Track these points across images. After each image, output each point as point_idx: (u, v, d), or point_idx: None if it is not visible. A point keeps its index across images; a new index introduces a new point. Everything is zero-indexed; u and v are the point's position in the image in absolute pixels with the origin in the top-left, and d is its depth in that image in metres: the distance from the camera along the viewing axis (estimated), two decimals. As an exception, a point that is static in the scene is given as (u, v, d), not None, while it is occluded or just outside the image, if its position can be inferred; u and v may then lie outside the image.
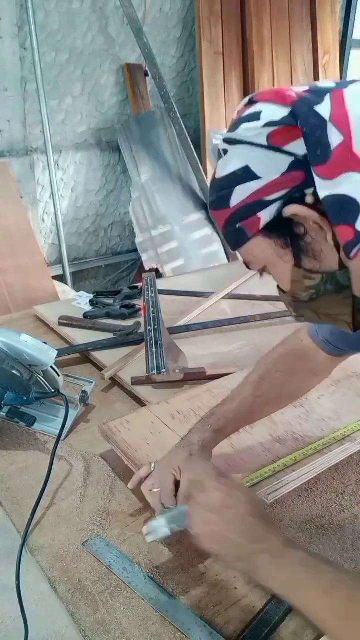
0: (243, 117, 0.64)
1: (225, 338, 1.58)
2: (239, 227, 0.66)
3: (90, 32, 2.88)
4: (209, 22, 3.10)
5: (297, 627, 0.76)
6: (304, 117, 0.59)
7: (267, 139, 0.61)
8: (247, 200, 0.64)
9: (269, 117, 0.61)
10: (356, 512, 0.96)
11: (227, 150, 0.64)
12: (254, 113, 0.63)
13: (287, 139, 0.60)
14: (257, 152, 0.62)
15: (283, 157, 0.60)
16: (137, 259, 3.40)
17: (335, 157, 0.58)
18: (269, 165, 0.61)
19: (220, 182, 0.66)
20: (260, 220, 0.64)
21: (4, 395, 1.06)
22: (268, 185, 0.62)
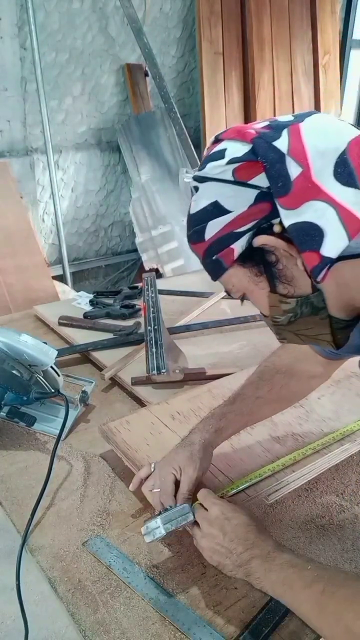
0: (209, 156, 0.68)
1: (225, 338, 1.58)
2: (215, 258, 0.70)
3: (90, 32, 2.88)
4: (209, 22, 3.10)
5: (297, 627, 0.76)
6: (263, 152, 0.62)
7: (232, 174, 0.64)
8: (219, 234, 0.67)
9: (232, 154, 0.65)
10: (356, 512, 0.96)
11: (198, 187, 0.68)
12: (219, 151, 0.66)
13: (250, 173, 0.63)
14: (224, 188, 0.65)
15: (249, 191, 0.64)
16: (137, 259, 3.40)
17: (295, 187, 0.61)
18: (237, 199, 0.65)
19: (194, 218, 0.69)
20: (234, 251, 0.67)
21: (4, 395, 1.06)
22: (237, 218, 0.65)
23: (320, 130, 0.64)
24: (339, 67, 3.84)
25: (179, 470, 0.88)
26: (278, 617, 0.77)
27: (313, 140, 0.62)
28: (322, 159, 0.61)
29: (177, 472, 0.88)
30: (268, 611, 0.78)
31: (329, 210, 0.61)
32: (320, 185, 0.61)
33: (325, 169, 0.61)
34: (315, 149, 0.62)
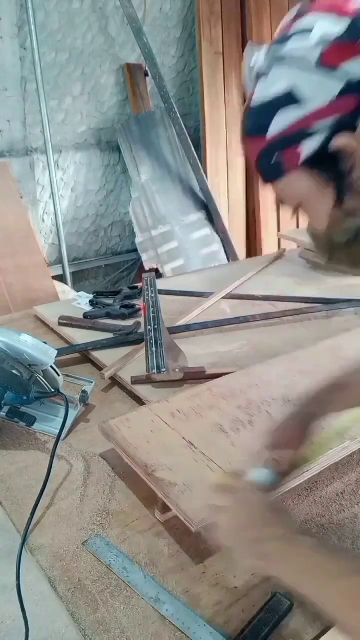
0: (291, 32, 0.57)
1: (225, 338, 1.58)
2: (276, 159, 0.59)
3: (90, 32, 2.88)
4: (209, 22, 3.10)
5: (298, 627, 0.76)
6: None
7: (319, 56, 0.54)
8: (288, 129, 0.57)
9: (323, 31, 0.54)
10: (356, 512, 0.96)
11: (269, 70, 0.57)
12: (305, 28, 0.56)
13: (342, 57, 0.53)
14: (305, 73, 0.55)
15: (336, 80, 0.54)
16: (137, 259, 3.40)
17: None
18: (319, 88, 0.54)
19: (258, 108, 0.58)
20: (302, 153, 0.57)
21: (4, 395, 1.06)
22: (315, 112, 0.55)
23: None
24: (339, 67, 3.84)
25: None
26: (278, 617, 0.76)
27: None
28: None
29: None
30: (268, 611, 0.78)
31: None
32: None
33: None
34: None
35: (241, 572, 0.83)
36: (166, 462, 0.97)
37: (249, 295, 1.82)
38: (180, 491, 0.90)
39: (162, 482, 0.92)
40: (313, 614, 0.78)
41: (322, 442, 0.80)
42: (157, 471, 0.94)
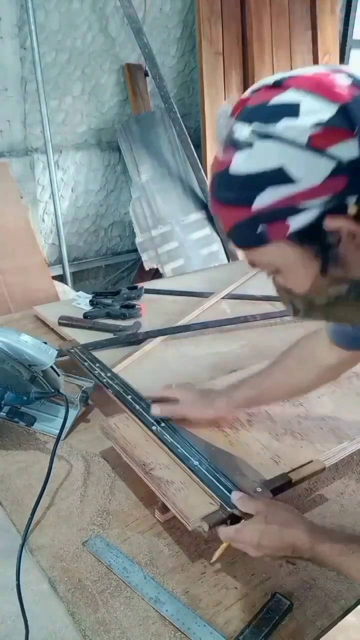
0: (278, 108, 0.56)
1: (225, 338, 1.58)
2: (261, 230, 0.59)
3: (90, 32, 2.88)
4: (209, 22, 3.10)
5: (297, 627, 0.76)
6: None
7: (309, 138, 0.54)
8: (277, 204, 0.57)
9: (313, 114, 0.54)
10: (356, 512, 0.96)
11: (253, 143, 0.56)
12: (289, 104, 0.55)
13: (331, 141, 0.54)
14: (295, 152, 0.55)
15: (326, 161, 0.54)
16: (137, 259, 3.40)
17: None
18: (309, 168, 0.55)
19: (243, 179, 0.58)
20: (289, 227, 0.58)
21: (4, 395, 1.06)
22: (305, 191, 0.55)
23: None
24: (339, 67, 3.84)
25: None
26: (278, 617, 0.77)
27: None
28: None
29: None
30: (268, 611, 0.78)
31: None
32: None
33: None
34: None
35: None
36: (164, 461, 0.97)
37: (249, 295, 1.82)
38: (177, 489, 0.90)
39: (159, 480, 0.92)
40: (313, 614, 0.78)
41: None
42: (154, 469, 0.95)
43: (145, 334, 1.55)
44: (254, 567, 0.85)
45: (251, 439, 1.05)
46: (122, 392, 1.17)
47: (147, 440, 1.03)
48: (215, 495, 0.87)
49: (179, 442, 1.00)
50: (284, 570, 0.85)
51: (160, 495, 0.90)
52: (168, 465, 0.96)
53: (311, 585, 0.83)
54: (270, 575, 0.84)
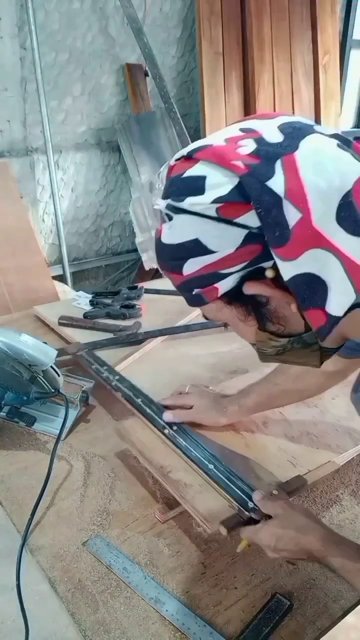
0: (184, 180, 0.58)
1: (225, 338, 1.58)
2: (196, 292, 0.61)
3: (90, 32, 2.88)
4: (209, 22, 3.10)
5: (297, 627, 0.76)
6: (256, 196, 0.54)
7: (216, 211, 0.55)
8: (201, 272, 0.59)
9: (214, 188, 0.55)
10: (356, 512, 0.96)
11: (172, 216, 0.59)
12: (196, 177, 0.57)
13: (238, 212, 0.55)
14: (207, 225, 0.56)
15: (236, 230, 0.55)
16: (137, 259, 3.40)
17: (294, 236, 0.54)
18: (222, 238, 0.56)
19: (169, 249, 0.60)
20: (218, 290, 0.60)
21: (4, 395, 1.06)
22: (223, 259, 0.57)
23: (320, 163, 0.55)
24: (339, 67, 3.84)
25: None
26: (278, 617, 0.77)
27: (313, 178, 0.54)
28: (323, 201, 0.54)
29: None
30: (268, 611, 0.78)
31: (333, 260, 0.54)
32: (322, 232, 0.54)
33: (328, 214, 0.54)
34: (315, 189, 0.53)
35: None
36: (181, 464, 0.97)
37: (249, 295, 1.82)
38: (196, 492, 0.90)
39: (177, 483, 0.92)
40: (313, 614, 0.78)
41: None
42: (172, 472, 0.94)
43: (145, 334, 1.55)
44: (254, 568, 0.85)
45: (268, 441, 1.05)
46: (132, 395, 1.17)
47: (164, 442, 1.03)
48: (233, 498, 0.87)
49: (192, 445, 0.99)
50: (284, 570, 0.85)
51: (178, 498, 0.90)
52: (186, 468, 0.96)
53: (311, 585, 0.83)
54: (270, 575, 0.84)
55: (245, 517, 0.84)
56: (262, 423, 1.09)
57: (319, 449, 1.03)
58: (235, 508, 0.86)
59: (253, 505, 0.84)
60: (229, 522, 0.83)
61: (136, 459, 1.01)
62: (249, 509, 0.84)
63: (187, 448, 0.98)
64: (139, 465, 1.02)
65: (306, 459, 1.00)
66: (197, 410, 1.06)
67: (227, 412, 1.05)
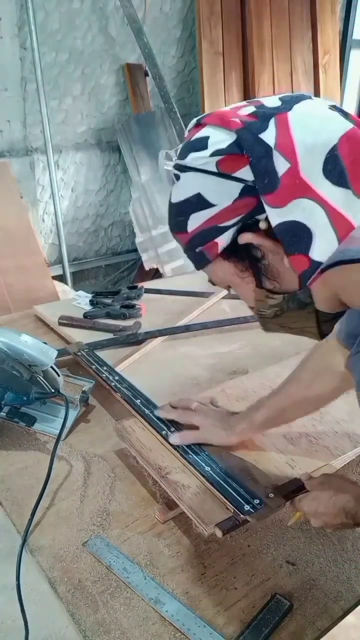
0: (191, 142, 0.65)
1: (225, 338, 1.58)
2: (199, 250, 0.67)
3: (90, 32, 2.88)
4: (209, 22, 3.10)
5: (297, 627, 0.76)
6: (248, 146, 0.60)
7: (216, 166, 0.61)
8: (202, 227, 0.65)
9: (215, 144, 0.62)
10: (356, 512, 0.96)
11: (179, 176, 0.65)
12: (201, 138, 0.63)
13: (235, 166, 0.61)
14: (208, 180, 0.62)
15: (234, 184, 0.61)
16: (137, 258, 3.40)
17: (283, 184, 0.59)
18: (221, 192, 0.62)
19: (175, 207, 0.67)
20: (218, 245, 0.65)
21: (4, 395, 1.06)
22: (221, 212, 0.63)
23: (310, 121, 0.61)
24: (339, 67, 3.84)
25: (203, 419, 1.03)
26: (278, 617, 0.77)
27: (302, 133, 0.59)
28: (311, 153, 0.59)
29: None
30: (268, 611, 0.78)
31: (318, 209, 0.59)
32: (309, 182, 0.58)
33: (314, 166, 0.59)
34: (304, 143, 0.59)
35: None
36: (180, 465, 0.97)
37: (249, 296, 1.82)
38: (193, 494, 0.90)
39: (175, 484, 0.92)
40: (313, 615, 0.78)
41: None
42: (170, 473, 0.94)
43: (145, 334, 1.55)
44: (254, 568, 0.85)
45: (267, 442, 1.04)
46: (131, 396, 1.16)
47: (163, 444, 1.02)
48: (228, 501, 0.87)
49: (190, 447, 0.99)
50: (284, 570, 0.85)
51: (176, 499, 0.90)
52: (184, 469, 0.96)
53: (311, 586, 0.83)
54: (270, 575, 0.84)
55: (240, 519, 0.83)
56: None
57: (317, 451, 1.03)
58: (230, 510, 0.85)
59: (249, 508, 0.84)
60: (224, 525, 0.83)
61: (136, 459, 1.01)
62: (244, 511, 0.84)
63: (185, 450, 0.98)
64: (138, 466, 1.02)
65: (305, 461, 0.99)
66: (205, 431, 1.02)
67: (236, 431, 1.01)
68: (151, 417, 1.07)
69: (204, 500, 0.88)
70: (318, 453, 1.02)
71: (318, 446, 1.04)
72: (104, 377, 1.27)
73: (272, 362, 1.34)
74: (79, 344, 1.45)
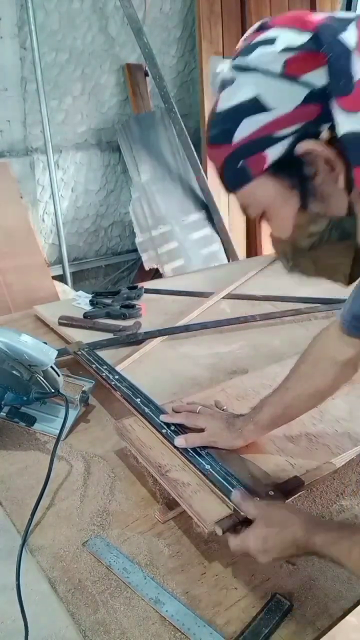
0: (255, 42, 0.58)
1: (225, 338, 1.58)
2: (242, 165, 0.61)
3: (90, 32, 2.88)
4: (209, 22, 3.10)
5: (297, 627, 0.76)
6: (327, 44, 0.54)
7: (283, 66, 0.56)
8: (254, 135, 0.59)
9: (287, 42, 0.56)
10: (356, 512, 0.96)
11: (235, 78, 0.59)
12: (269, 39, 0.57)
13: (305, 67, 0.55)
14: (270, 81, 0.56)
15: (299, 88, 0.56)
16: (137, 259, 3.40)
17: (358, 89, 0.54)
18: (283, 96, 0.56)
19: (223, 115, 0.60)
20: (267, 158, 0.59)
21: (4, 395, 1.06)
22: (280, 118, 0.57)
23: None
24: (339, 67, 3.84)
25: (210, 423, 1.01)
26: (278, 617, 0.77)
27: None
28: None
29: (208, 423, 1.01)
30: (268, 611, 0.78)
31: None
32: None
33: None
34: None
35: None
36: (180, 463, 0.97)
37: (249, 295, 1.82)
38: (193, 491, 0.90)
39: (175, 482, 0.92)
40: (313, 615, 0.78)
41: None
42: (170, 471, 0.94)
43: (145, 334, 1.55)
44: (254, 568, 0.85)
45: (266, 441, 1.04)
46: (131, 395, 1.16)
47: (162, 442, 1.02)
48: (229, 499, 0.86)
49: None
50: (284, 571, 0.85)
51: (176, 497, 0.90)
52: (184, 467, 0.96)
53: (311, 586, 0.83)
54: (270, 576, 0.84)
55: (240, 517, 0.83)
56: None
57: (317, 449, 1.02)
58: (231, 508, 0.85)
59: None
60: (225, 523, 0.83)
61: (136, 459, 1.01)
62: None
63: (185, 448, 0.98)
64: (139, 465, 1.02)
65: (305, 459, 0.99)
66: (210, 433, 1.00)
67: (242, 433, 0.99)
68: (151, 416, 1.07)
69: (204, 498, 0.88)
70: (318, 452, 1.02)
71: (318, 445, 1.04)
72: (104, 376, 1.27)
73: (272, 362, 1.34)
74: (79, 344, 1.45)
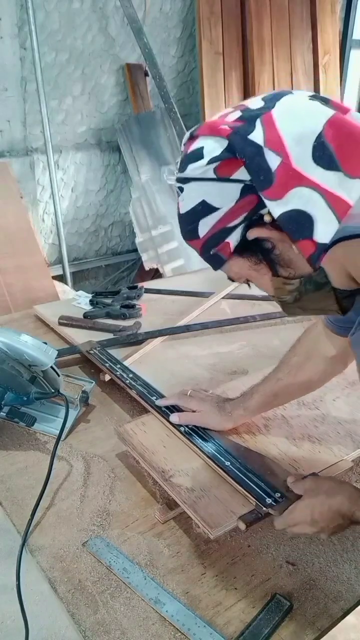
0: (188, 155, 0.68)
1: (225, 338, 1.58)
2: (214, 252, 0.72)
3: (90, 32, 2.88)
4: (209, 22, 3.10)
5: (297, 627, 0.76)
6: (240, 148, 0.63)
7: (214, 172, 0.65)
8: (212, 230, 0.69)
9: (210, 153, 0.66)
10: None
11: (182, 188, 0.69)
12: (196, 150, 0.67)
13: (231, 169, 0.65)
14: (209, 186, 0.67)
15: (233, 186, 0.65)
16: (137, 259, 3.40)
17: (278, 178, 0.62)
18: (223, 195, 0.66)
19: (185, 218, 0.71)
20: (230, 244, 0.70)
21: (4, 395, 1.06)
22: (227, 214, 0.67)
23: (293, 115, 0.64)
24: (339, 67, 3.84)
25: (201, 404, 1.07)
26: (278, 617, 0.77)
27: (288, 127, 0.63)
28: (299, 144, 0.62)
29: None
30: (268, 611, 0.78)
31: (314, 195, 0.62)
32: (302, 171, 0.62)
33: (304, 154, 0.62)
34: (291, 136, 0.62)
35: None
36: (183, 468, 0.96)
37: (249, 295, 1.82)
38: (197, 497, 0.90)
39: (179, 487, 0.91)
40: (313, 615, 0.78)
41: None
42: (174, 477, 0.94)
43: (145, 334, 1.55)
44: (254, 568, 0.85)
45: (269, 444, 1.04)
46: (147, 394, 1.17)
47: (165, 446, 1.02)
48: (250, 494, 0.87)
49: (207, 442, 1.01)
50: (284, 571, 0.85)
51: (180, 503, 0.89)
52: (187, 472, 0.95)
53: (311, 586, 0.83)
54: (270, 576, 0.84)
55: (262, 512, 0.84)
56: (264, 426, 1.09)
57: (320, 452, 1.02)
58: (253, 503, 0.86)
59: (271, 501, 0.85)
60: (248, 518, 0.84)
61: (136, 459, 1.01)
62: (266, 504, 0.85)
63: (203, 445, 0.99)
64: (139, 466, 1.02)
65: (308, 462, 0.99)
66: (203, 414, 1.06)
67: (232, 417, 1.05)
68: (167, 414, 1.09)
69: (209, 503, 0.88)
70: (320, 454, 1.02)
71: (321, 447, 1.04)
72: (118, 375, 1.27)
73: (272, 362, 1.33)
74: (91, 343, 1.46)
